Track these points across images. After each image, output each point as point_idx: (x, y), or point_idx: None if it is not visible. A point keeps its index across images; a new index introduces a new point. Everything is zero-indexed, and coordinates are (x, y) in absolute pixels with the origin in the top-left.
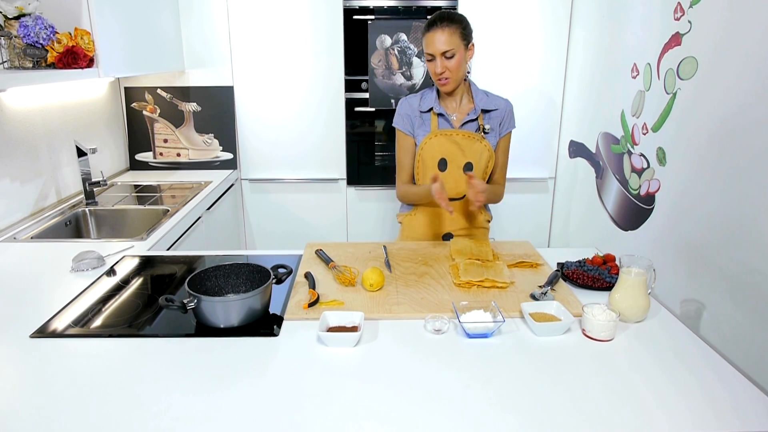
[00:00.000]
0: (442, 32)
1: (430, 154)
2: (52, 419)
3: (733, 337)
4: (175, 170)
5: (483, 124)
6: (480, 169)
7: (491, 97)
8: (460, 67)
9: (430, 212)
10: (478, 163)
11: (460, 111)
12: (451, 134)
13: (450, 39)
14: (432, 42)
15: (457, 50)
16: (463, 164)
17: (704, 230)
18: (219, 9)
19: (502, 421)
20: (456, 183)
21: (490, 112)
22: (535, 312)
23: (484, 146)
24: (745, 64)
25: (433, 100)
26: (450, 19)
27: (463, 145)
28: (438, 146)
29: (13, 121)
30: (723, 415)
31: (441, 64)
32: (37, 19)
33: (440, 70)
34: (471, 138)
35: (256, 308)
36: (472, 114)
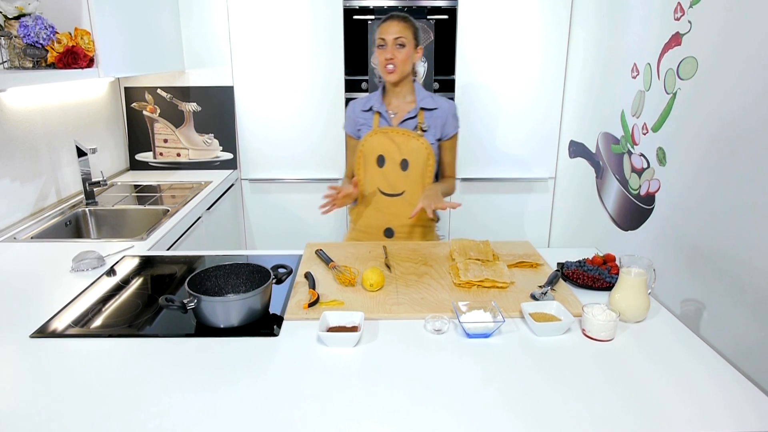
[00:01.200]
0: (398, 23)
1: (369, 150)
2: (53, 419)
3: (733, 337)
4: (175, 170)
5: (421, 123)
6: (418, 167)
7: (435, 98)
8: (408, 61)
9: (371, 205)
10: (414, 160)
11: (401, 109)
12: (388, 132)
13: (403, 30)
14: (387, 28)
15: (408, 43)
16: (399, 161)
17: (704, 230)
18: (219, 9)
19: (502, 421)
20: (394, 180)
21: (432, 111)
22: (535, 312)
23: (421, 144)
24: (745, 64)
25: (375, 99)
26: (405, 17)
27: (400, 143)
28: (376, 143)
29: (13, 121)
30: (723, 415)
31: (391, 50)
32: (37, 19)
33: (390, 55)
34: (407, 135)
35: (256, 308)
36: (412, 112)
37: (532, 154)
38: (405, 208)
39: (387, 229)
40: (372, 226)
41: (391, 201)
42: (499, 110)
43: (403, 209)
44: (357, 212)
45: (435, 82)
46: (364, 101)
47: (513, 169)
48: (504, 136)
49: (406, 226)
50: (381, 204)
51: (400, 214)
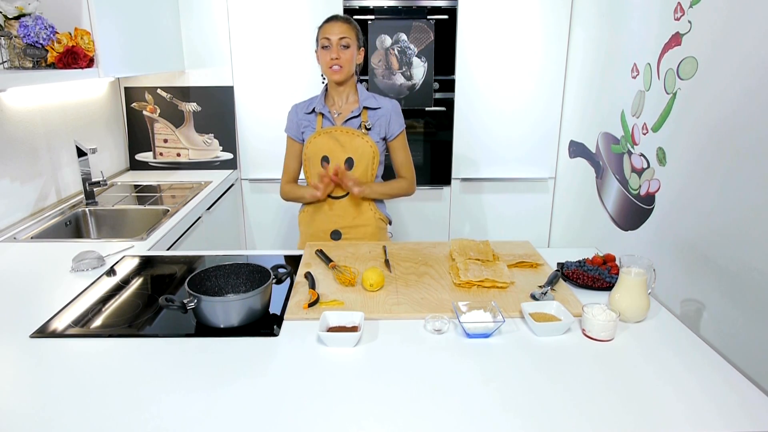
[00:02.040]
0: (342, 25)
1: (314, 152)
2: (53, 419)
3: (733, 337)
4: (175, 170)
5: (365, 121)
6: (362, 165)
7: (377, 98)
8: (352, 61)
9: (317, 208)
10: (359, 158)
11: (344, 110)
12: (332, 131)
13: (348, 31)
14: (331, 29)
15: (352, 43)
16: (344, 159)
17: (704, 230)
18: (219, 9)
19: (502, 421)
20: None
21: (375, 110)
22: (535, 312)
23: (366, 142)
24: (744, 64)
25: (318, 101)
26: (348, 19)
27: (344, 142)
28: (320, 144)
29: (13, 121)
30: (723, 415)
31: (336, 51)
32: (37, 19)
33: (335, 55)
34: (351, 134)
35: (256, 308)
36: (355, 111)
37: (532, 154)
38: (351, 209)
39: (334, 231)
40: (319, 229)
41: (337, 203)
42: (499, 110)
43: (350, 210)
44: (304, 216)
45: (435, 82)
46: (306, 103)
47: (513, 169)
48: (504, 136)
49: (353, 227)
50: (327, 206)
51: (346, 215)
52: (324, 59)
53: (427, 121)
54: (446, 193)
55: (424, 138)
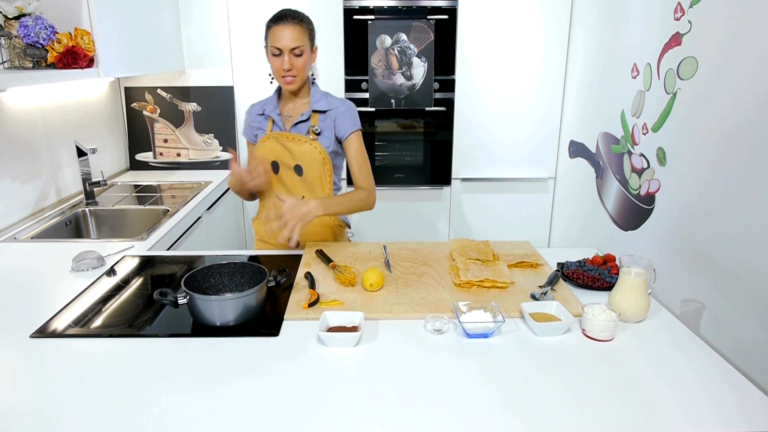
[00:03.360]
0: (293, 29)
1: (263, 156)
2: (53, 419)
3: (733, 337)
4: (175, 170)
5: (313, 126)
6: (313, 171)
7: (329, 99)
8: (306, 67)
9: (273, 211)
10: (308, 165)
11: (296, 112)
12: (279, 136)
13: (300, 36)
14: (281, 37)
15: (305, 49)
16: (293, 166)
17: (704, 230)
18: (219, 9)
19: (502, 421)
20: (291, 186)
21: (325, 113)
22: (535, 312)
23: (314, 148)
24: (745, 64)
25: (270, 102)
26: (300, 18)
27: (291, 148)
28: (269, 149)
29: (13, 121)
30: (723, 415)
31: (289, 61)
32: (37, 19)
33: (288, 66)
34: (299, 140)
35: (251, 306)
36: (304, 115)
37: (532, 154)
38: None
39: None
40: (274, 235)
41: None
42: (499, 110)
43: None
44: (258, 223)
45: (435, 82)
46: (260, 105)
47: (513, 169)
48: (504, 136)
49: (309, 233)
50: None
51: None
52: (275, 66)
53: (427, 121)
54: (446, 193)
55: (424, 138)
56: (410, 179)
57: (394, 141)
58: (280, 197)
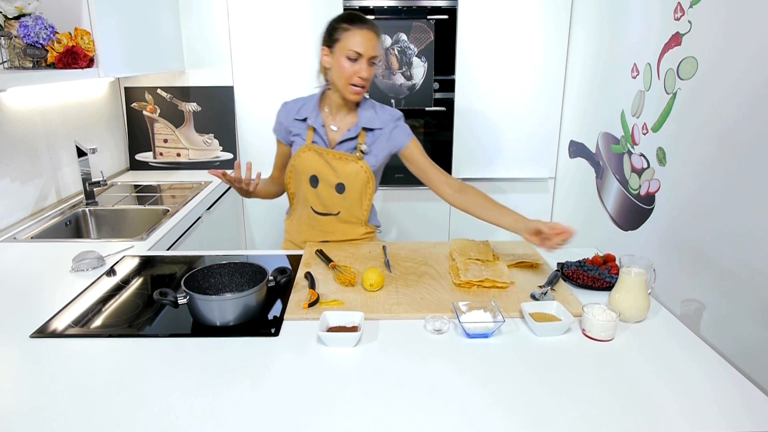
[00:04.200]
0: (375, 36)
1: (302, 168)
2: (53, 419)
3: (733, 337)
4: (175, 170)
5: (361, 145)
6: (355, 190)
7: (379, 114)
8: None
9: (304, 222)
10: (352, 184)
11: (342, 124)
12: (324, 152)
13: (378, 45)
14: (363, 41)
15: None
16: (335, 184)
17: (704, 230)
18: (219, 9)
19: (501, 421)
20: (328, 201)
21: (374, 131)
22: (535, 312)
23: (360, 167)
24: (745, 64)
25: (311, 109)
26: (379, 29)
27: (336, 166)
28: (310, 162)
29: (13, 121)
30: (723, 415)
31: (366, 68)
32: (37, 19)
33: (364, 74)
34: (344, 159)
35: (251, 306)
36: (352, 131)
37: (532, 154)
38: (340, 226)
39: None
40: (305, 241)
41: (325, 219)
42: (499, 110)
43: (338, 227)
44: (290, 224)
45: (435, 82)
46: (297, 108)
47: (513, 169)
48: (504, 136)
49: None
50: (314, 222)
51: (335, 231)
52: (347, 71)
53: (427, 121)
54: None
55: (424, 138)
56: (410, 179)
57: None
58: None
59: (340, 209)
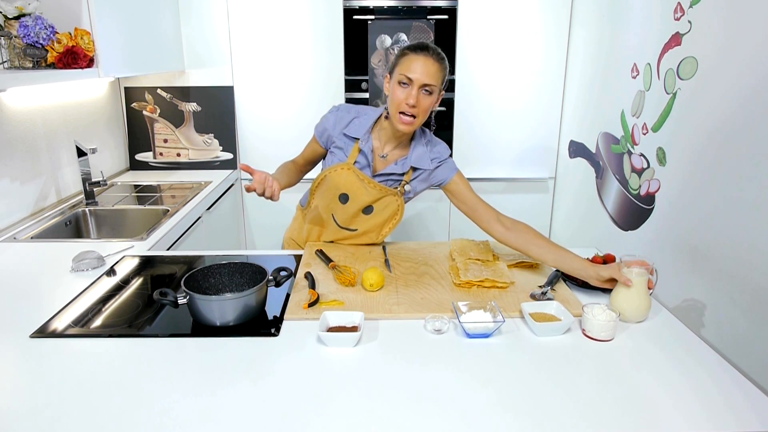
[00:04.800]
0: (435, 63)
1: (335, 183)
2: (53, 419)
3: (733, 337)
4: (175, 170)
5: (405, 184)
6: (382, 217)
7: (431, 151)
8: (428, 111)
9: (321, 226)
10: (381, 212)
11: (392, 154)
12: (363, 178)
13: (438, 75)
14: (418, 67)
15: (435, 90)
16: (363, 207)
17: (704, 230)
18: (219, 9)
19: (502, 421)
20: (352, 218)
21: (422, 172)
22: (535, 312)
23: (395, 200)
24: (745, 64)
25: (365, 130)
26: (442, 57)
27: (372, 193)
28: (345, 181)
29: (13, 121)
30: (723, 415)
31: (416, 95)
32: (37, 19)
33: (413, 102)
34: (383, 190)
35: (251, 306)
36: (399, 165)
37: (532, 154)
38: (355, 240)
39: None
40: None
41: (341, 232)
42: (499, 110)
43: (353, 240)
44: (303, 215)
45: None
46: (349, 119)
47: (513, 169)
48: (504, 136)
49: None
50: (331, 229)
51: (344, 240)
52: (397, 97)
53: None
54: None
55: None
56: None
57: None
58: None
59: (359, 227)
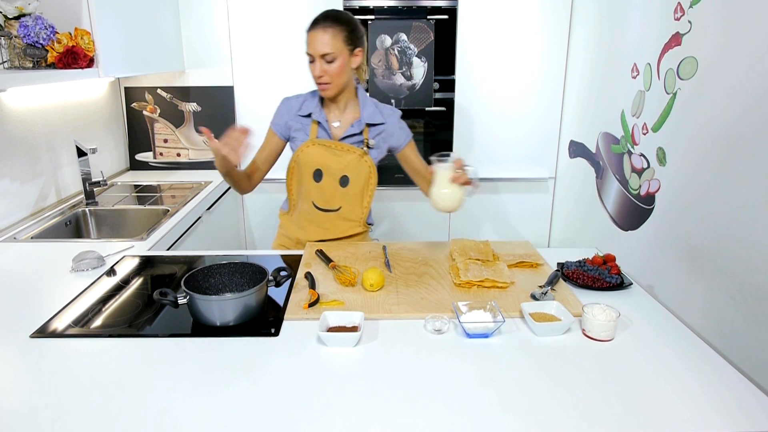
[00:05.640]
0: (324, 33)
1: (306, 163)
2: (53, 419)
3: (733, 337)
4: (175, 170)
5: (367, 139)
6: (358, 184)
7: (380, 109)
8: (342, 73)
9: (303, 218)
10: (356, 177)
11: (344, 120)
12: (330, 145)
13: (332, 41)
14: (312, 42)
15: (339, 54)
16: (339, 177)
17: (704, 230)
18: (219, 9)
19: (502, 421)
20: (330, 195)
21: (377, 126)
22: (535, 312)
23: (365, 161)
24: (745, 64)
25: (314, 105)
26: (335, 19)
27: (342, 157)
28: (314, 156)
29: (13, 121)
30: (723, 415)
31: (320, 68)
32: (37, 19)
33: (318, 73)
34: (351, 152)
35: (251, 306)
36: (356, 126)
37: (532, 154)
38: (340, 223)
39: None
40: (303, 239)
41: (325, 216)
42: (499, 110)
43: (338, 224)
44: (288, 219)
45: (435, 82)
46: (300, 103)
47: (513, 169)
48: (504, 136)
49: (338, 239)
50: (314, 217)
51: (333, 229)
52: (311, 72)
53: (427, 121)
54: None
55: (424, 138)
56: (410, 179)
57: None
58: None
59: (341, 204)
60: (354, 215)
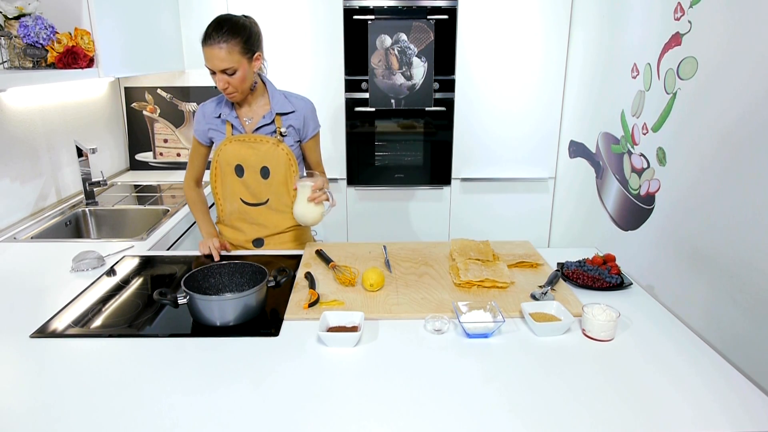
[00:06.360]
0: (220, 49)
1: (226, 160)
2: (53, 419)
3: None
4: (175, 170)
5: (279, 128)
6: (279, 173)
7: (290, 99)
8: (245, 80)
9: (235, 217)
10: (276, 167)
11: (255, 114)
12: (245, 138)
13: (229, 56)
14: (210, 58)
15: (238, 66)
16: (259, 169)
17: (704, 230)
18: (219, 9)
19: (502, 421)
20: (256, 189)
21: (288, 115)
22: (535, 312)
23: (281, 149)
24: (745, 64)
25: (226, 105)
26: (229, 32)
27: (258, 150)
28: (232, 152)
29: (13, 121)
30: (723, 415)
31: (223, 80)
32: (37, 19)
33: (222, 85)
34: (264, 141)
35: (251, 306)
36: (267, 117)
37: (532, 154)
38: (272, 216)
39: (256, 240)
40: (240, 239)
41: (256, 210)
42: (499, 110)
43: (270, 217)
44: (223, 227)
45: (435, 82)
46: (214, 105)
47: (513, 169)
48: (504, 136)
49: (275, 235)
50: (246, 215)
51: (267, 224)
52: (215, 83)
53: (427, 121)
54: (446, 193)
55: (424, 138)
56: (410, 179)
57: (394, 141)
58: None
59: (268, 196)
60: (283, 205)
